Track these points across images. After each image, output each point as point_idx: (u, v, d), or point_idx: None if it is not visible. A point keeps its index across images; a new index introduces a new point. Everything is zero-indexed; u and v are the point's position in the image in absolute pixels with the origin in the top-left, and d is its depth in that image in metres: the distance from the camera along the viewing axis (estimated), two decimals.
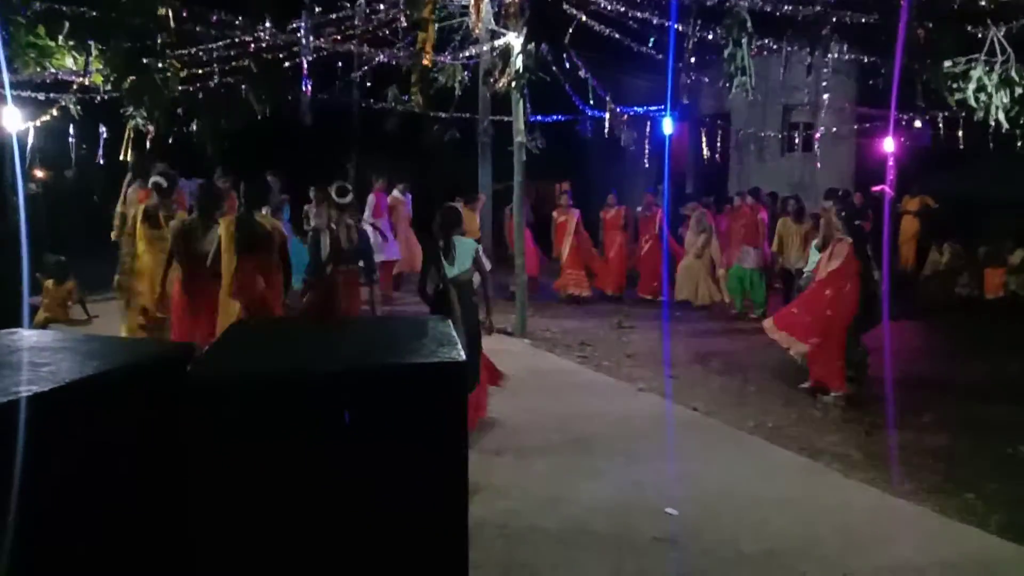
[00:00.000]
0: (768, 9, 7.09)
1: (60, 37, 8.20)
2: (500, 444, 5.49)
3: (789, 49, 7.99)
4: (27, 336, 2.48)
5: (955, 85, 5.43)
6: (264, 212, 6.39)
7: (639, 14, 9.16)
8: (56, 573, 1.96)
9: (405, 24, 9.78)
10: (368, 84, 12.81)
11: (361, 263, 7.30)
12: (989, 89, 5.34)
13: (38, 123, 9.44)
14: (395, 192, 12.46)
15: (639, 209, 12.54)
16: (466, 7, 9.47)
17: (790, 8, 7.17)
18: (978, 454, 5.58)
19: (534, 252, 12.32)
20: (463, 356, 2.21)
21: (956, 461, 5.41)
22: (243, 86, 9.74)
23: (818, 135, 14.09)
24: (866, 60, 8.97)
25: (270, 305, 6.04)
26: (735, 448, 5.63)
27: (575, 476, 4.98)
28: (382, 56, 10.35)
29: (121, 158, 9.26)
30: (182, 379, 2.17)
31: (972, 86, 5.30)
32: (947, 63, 5.44)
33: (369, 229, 11.35)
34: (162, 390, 2.22)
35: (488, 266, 5.89)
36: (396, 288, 12.22)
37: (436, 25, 8.40)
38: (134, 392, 2.20)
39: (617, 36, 10.28)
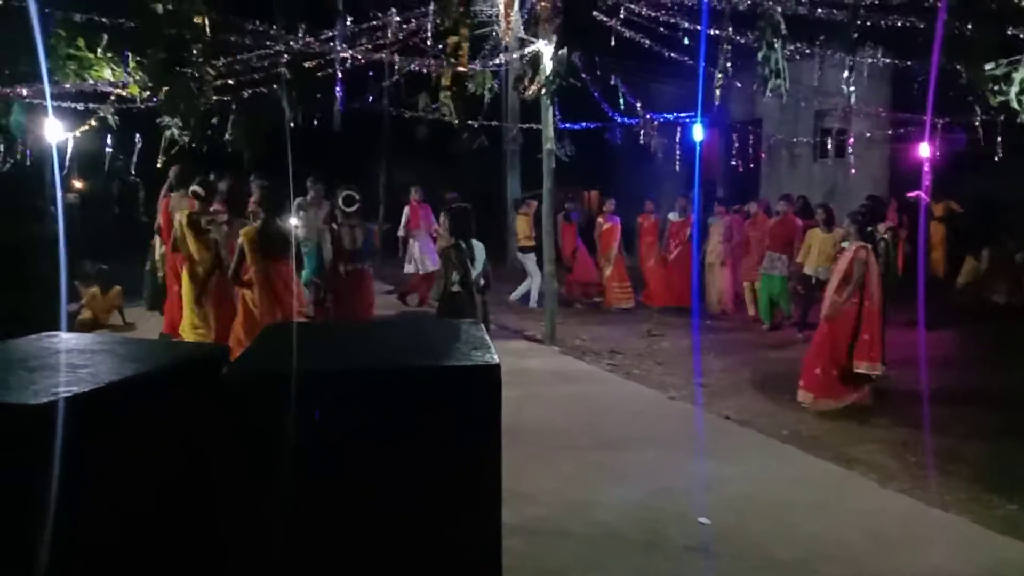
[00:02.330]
0: (802, 12, 7.01)
1: (99, 49, 8.39)
2: (530, 449, 5.48)
3: (822, 53, 7.90)
4: (67, 339, 2.53)
5: (997, 87, 5.32)
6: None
7: (670, 19, 9.12)
8: (93, 571, 1.99)
9: (435, 32, 9.85)
10: (399, 92, 12.88)
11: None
12: None
13: (77, 133, 9.64)
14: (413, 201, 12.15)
15: (670, 215, 12.43)
16: (495, 16, 9.52)
17: (823, 11, 7.10)
18: (1018, 464, 5.45)
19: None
20: (497, 359, 2.21)
21: (995, 471, 5.29)
22: (277, 93, 9.87)
23: (851, 141, 13.91)
24: (900, 64, 8.83)
25: (300, 305, 6.20)
26: (768, 456, 5.57)
27: (605, 482, 4.95)
28: (414, 64, 10.43)
29: (158, 166, 9.44)
30: (218, 380, 2.20)
31: (1015, 88, 5.19)
32: (988, 65, 5.32)
33: (418, 245, 11.42)
34: (198, 391, 2.25)
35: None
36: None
37: (468, 33, 8.45)
38: (171, 393, 2.23)
39: (647, 42, 10.25)
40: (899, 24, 6.93)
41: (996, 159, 11.92)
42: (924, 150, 11.25)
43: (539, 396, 6.82)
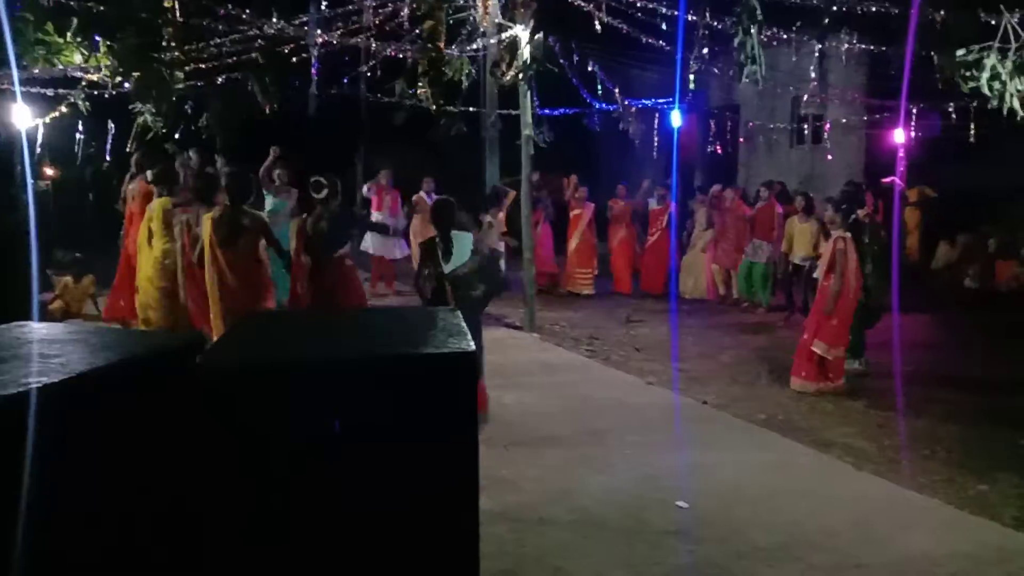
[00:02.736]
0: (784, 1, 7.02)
1: (68, 33, 8.23)
2: (510, 437, 5.48)
3: (798, 39, 7.92)
4: (37, 328, 2.47)
5: (968, 73, 5.36)
6: None
7: (648, 5, 9.10)
8: (66, 567, 1.95)
9: (411, 17, 9.75)
10: (376, 77, 12.75)
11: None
12: (1004, 77, 5.28)
13: (47, 120, 9.47)
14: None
15: (650, 201, 12.43)
16: (473, 0, 9.46)
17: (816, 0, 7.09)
18: (991, 446, 5.54)
19: (550, 249, 12.23)
20: (472, 346, 2.20)
21: (969, 453, 5.37)
22: (249, 79, 9.75)
23: (828, 127, 14.00)
24: (875, 50, 8.88)
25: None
26: (746, 441, 5.61)
27: (586, 468, 4.96)
28: (390, 50, 10.33)
29: (129, 151, 9.30)
30: (192, 369, 2.16)
31: (986, 74, 5.23)
32: (960, 51, 5.36)
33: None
34: (172, 380, 2.21)
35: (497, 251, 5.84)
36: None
37: (444, 17, 8.37)
38: (144, 382, 2.19)
39: (625, 28, 10.21)
40: (873, 10, 6.96)
41: (970, 145, 12.05)
42: (899, 136, 11.34)
43: (519, 384, 6.81)
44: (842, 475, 4.98)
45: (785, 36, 7.82)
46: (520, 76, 8.81)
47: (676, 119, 11.06)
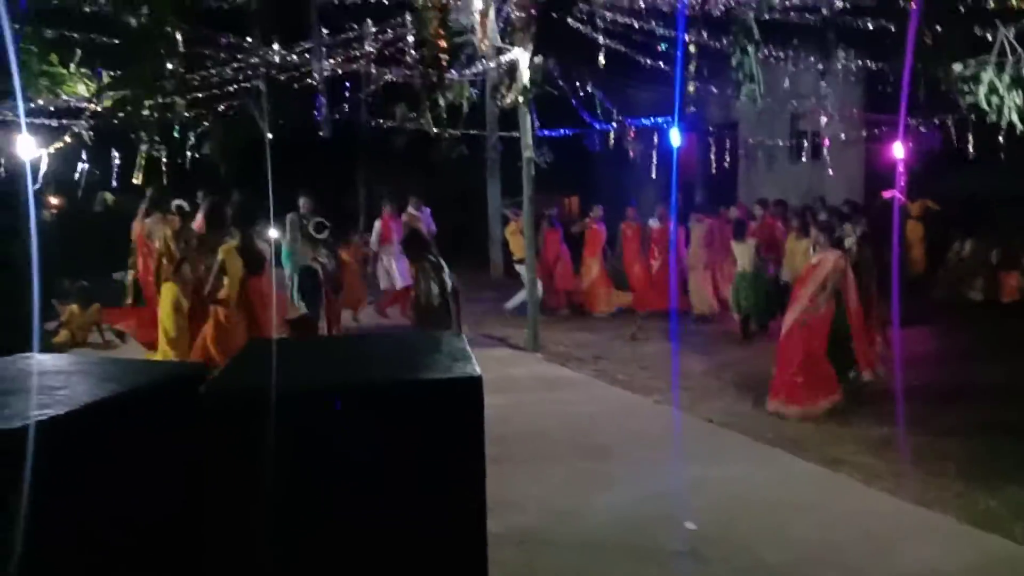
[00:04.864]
0: (775, 17, 7.07)
1: (72, 64, 8.32)
2: (516, 457, 5.46)
3: (795, 57, 7.98)
4: (42, 360, 2.48)
5: (966, 88, 5.39)
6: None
7: (646, 26, 9.17)
8: None
9: (413, 42, 9.83)
10: (376, 102, 12.83)
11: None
12: (1001, 91, 5.31)
13: (51, 150, 9.54)
14: (409, 209, 12.00)
15: (650, 222, 12.47)
16: (472, 25, 9.52)
17: (796, 15, 7.16)
18: (999, 460, 5.49)
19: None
20: (479, 371, 2.20)
21: (977, 467, 5.33)
22: (250, 106, 9.82)
23: (827, 143, 14.03)
24: (873, 65, 8.93)
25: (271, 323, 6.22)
26: (753, 458, 5.58)
27: (592, 488, 4.94)
28: (390, 75, 10.41)
29: (135, 182, 9.36)
30: (196, 399, 2.17)
31: (983, 89, 5.26)
32: (957, 66, 5.39)
33: (390, 260, 11.31)
34: (177, 410, 2.22)
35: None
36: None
37: (443, 44, 8.45)
38: (149, 413, 2.19)
39: (623, 49, 10.29)
40: (870, 27, 7.01)
41: (970, 156, 12.07)
42: (899, 150, 11.36)
43: (524, 404, 6.80)
44: (850, 491, 4.95)
45: (782, 54, 7.86)
46: (520, 99, 8.87)
47: (675, 138, 11.10)
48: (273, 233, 8.45)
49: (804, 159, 17.13)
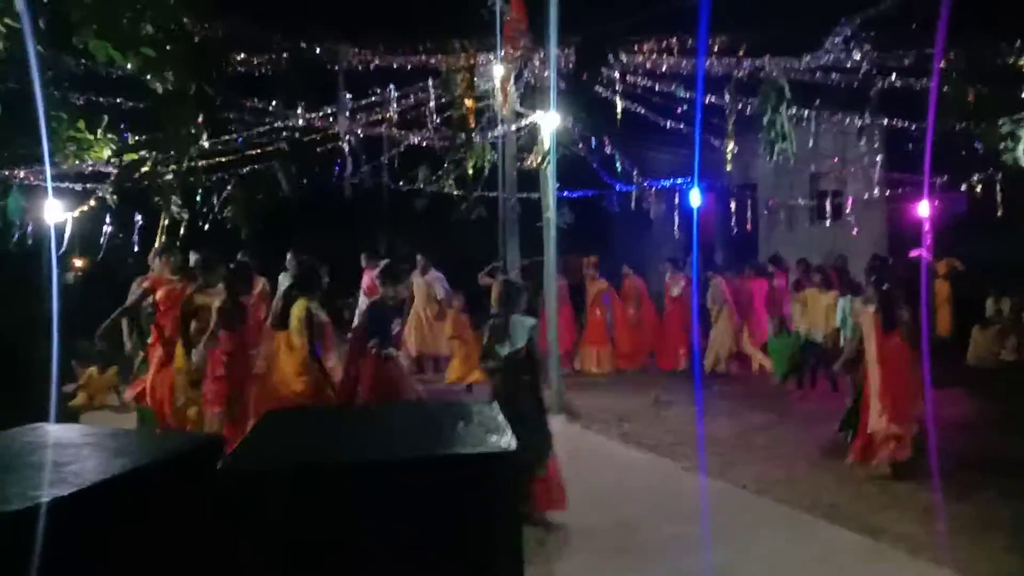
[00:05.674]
0: (804, 79, 7.07)
1: (99, 130, 8.45)
2: (540, 531, 5.24)
3: (818, 116, 7.95)
4: (52, 431, 2.37)
5: (1004, 145, 5.30)
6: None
7: (667, 89, 9.22)
8: None
9: (436, 106, 9.94)
10: (398, 164, 12.94)
11: None
12: None
13: (76, 214, 9.63)
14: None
15: (673, 290, 12.39)
16: (492, 89, 9.62)
17: (823, 76, 7.15)
18: None
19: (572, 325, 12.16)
20: (514, 444, 2.05)
21: None
22: (274, 167, 9.92)
23: (850, 202, 13.94)
24: (897, 124, 8.88)
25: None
26: (791, 529, 5.33)
27: (622, 566, 4.71)
28: (414, 138, 10.51)
29: (156, 245, 9.38)
30: (213, 473, 2.04)
31: (1022, 145, 5.17)
32: (999, 122, 5.32)
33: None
34: (193, 485, 2.10)
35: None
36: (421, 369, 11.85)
37: (470, 104, 8.52)
38: (164, 489, 2.07)
39: (644, 111, 10.34)
40: (898, 86, 6.97)
41: (997, 215, 11.92)
42: (923, 209, 11.25)
43: None
44: (896, 564, 4.70)
45: (806, 114, 7.83)
46: (542, 162, 8.88)
47: (695, 198, 11.07)
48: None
49: (825, 219, 17.03)
